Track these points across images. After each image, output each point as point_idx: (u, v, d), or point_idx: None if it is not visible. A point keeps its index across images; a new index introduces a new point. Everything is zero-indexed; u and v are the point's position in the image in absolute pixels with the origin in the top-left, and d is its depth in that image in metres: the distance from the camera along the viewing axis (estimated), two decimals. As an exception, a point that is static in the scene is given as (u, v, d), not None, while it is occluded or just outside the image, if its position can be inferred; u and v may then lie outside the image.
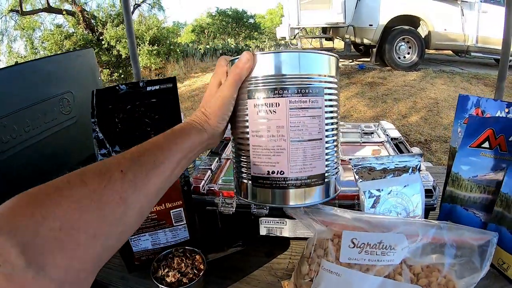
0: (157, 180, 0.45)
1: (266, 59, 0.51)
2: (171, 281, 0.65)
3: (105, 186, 0.39)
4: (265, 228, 0.76)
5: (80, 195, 0.37)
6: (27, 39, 11.36)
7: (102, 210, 0.38)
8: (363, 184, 0.64)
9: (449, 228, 0.49)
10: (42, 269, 0.32)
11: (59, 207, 0.35)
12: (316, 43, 8.75)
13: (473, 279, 0.48)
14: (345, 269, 0.49)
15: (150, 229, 0.72)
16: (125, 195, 0.40)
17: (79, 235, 0.35)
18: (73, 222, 0.35)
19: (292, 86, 0.50)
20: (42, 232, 0.33)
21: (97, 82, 1.34)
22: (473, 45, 6.92)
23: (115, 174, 0.40)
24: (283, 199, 0.54)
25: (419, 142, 4.09)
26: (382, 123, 1.19)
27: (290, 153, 0.52)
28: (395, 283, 0.48)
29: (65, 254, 0.34)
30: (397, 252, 0.48)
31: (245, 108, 0.53)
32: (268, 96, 0.51)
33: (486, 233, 0.51)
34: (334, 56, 0.55)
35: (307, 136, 0.52)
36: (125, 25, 2.20)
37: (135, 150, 0.45)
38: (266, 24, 20.76)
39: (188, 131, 0.50)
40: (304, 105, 0.51)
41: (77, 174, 0.39)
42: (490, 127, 0.65)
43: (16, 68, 1.05)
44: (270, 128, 0.51)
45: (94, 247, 0.37)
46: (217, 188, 0.79)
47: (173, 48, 10.33)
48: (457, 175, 0.70)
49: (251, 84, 0.52)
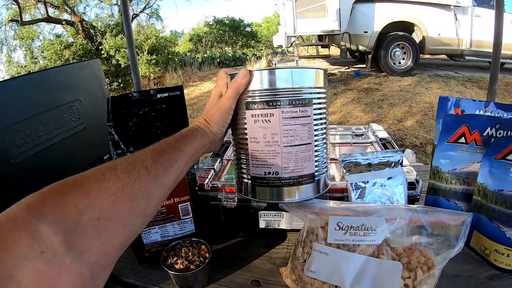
0: (173, 177, 0.50)
1: (262, 75, 0.59)
2: (180, 268, 0.70)
3: (135, 181, 0.43)
4: (264, 221, 0.83)
5: (115, 188, 0.40)
6: (26, 49, 11.38)
7: (132, 202, 0.42)
8: (350, 177, 0.72)
9: (425, 211, 0.56)
10: (80, 255, 0.35)
11: (99, 199, 0.38)
12: (313, 51, 8.86)
13: (448, 254, 0.54)
14: (333, 249, 0.56)
15: (160, 222, 0.78)
16: (149, 190, 0.45)
17: (113, 224, 0.39)
18: (109, 213, 0.39)
19: (285, 98, 0.58)
20: (83, 221, 0.36)
21: (103, 91, 1.40)
22: (467, 49, 7.00)
23: (141, 171, 0.45)
24: (279, 196, 0.62)
25: (415, 145, 4.15)
26: (372, 125, 1.26)
27: (283, 157, 0.60)
28: (378, 260, 0.55)
29: (100, 241, 0.37)
30: (377, 233, 0.55)
31: (244, 117, 0.61)
32: (264, 108, 0.59)
33: (462, 214, 0.57)
34: (322, 69, 0.63)
35: (298, 141, 0.60)
36: (125, 35, 2.23)
37: (153, 149, 0.50)
38: (263, 32, 20.85)
39: (195, 135, 0.57)
40: (295, 115, 0.59)
41: (109, 169, 0.43)
42: (465, 124, 0.71)
43: (30, 77, 1.10)
44: (266, 135, 0.59)
45: (123, 234, 0.41)
46: (220, 185, 0.85)
47: (172, 57, 10.41)
48: (437, 168, 0.77)
49: (249, 96, 0.60)
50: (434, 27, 6.91)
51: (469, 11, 6.80)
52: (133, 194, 0.42)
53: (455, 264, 0.71)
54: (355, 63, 8.72)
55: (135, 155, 0.48)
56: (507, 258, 0.67)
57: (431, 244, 0.56)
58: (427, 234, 0.56)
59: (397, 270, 0.54)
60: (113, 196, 0.40)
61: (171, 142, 0.54)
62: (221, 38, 18.32)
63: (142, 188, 0.44)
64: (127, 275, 0.78)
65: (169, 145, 0.53)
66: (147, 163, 0.47)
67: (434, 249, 0.56)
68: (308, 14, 6.75)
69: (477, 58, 7.11)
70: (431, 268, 0.54)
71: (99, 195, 0.39)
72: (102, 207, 0.38)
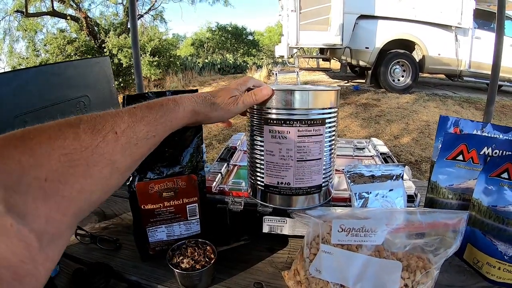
0: (145, 149, 0.46)
1: (282, 94, 0.63)
2: (186, 267, 0.72)
3: (97, 145, 0.38)
4: (268, 226, 0.86)
5: (71, 149, 0.36)
6: (29, 41, 11.41)
7: (91, 168, 0.37)
8: (354, 187, 0.76)
9: (422, 212, 0.60)
10: (23, 217, 0.31)
11: (48, 158, 0.34)
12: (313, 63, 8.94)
13: (446, 252, 0.58)
14: (336, 249, 0.60)
15: (167, 222, 0.80)
16: (114, 158, 0.40)
17: (65, 188, 0.34)
18: (59, 175, 0.34)
19: (301, 118, 0.63)
20: (26, 180, 0.32)
21: (111, 89, 1.42)
22: (466, 69, 7.11)
23: (109, 135, 0.40)
24: (289, 203, 0.68)
25: (410, 162, 4.20)
26: (372, 139, 1.31)
27: (296, 170, 0.65)
28: (378, 259, 0.59)
29: (47, 205, 0.33)
30: (377, 234, 0.59)
31: (262, 132, 0.66)
32: (281, 125, 0.63)
33: (458, 213, 0.61)
34: (336, 90, 0.68)
35: (309, 157, 0.65)
36: (131, 35, 2.25)
37: (132, 112, 0.46)
38: (265, 41, 21.03)
39: (188, 115, 0.56)
40: (309, 133, 0.64)
41: (70, 125, 0.38)
42: (464, 142, 0.75)
43: (41, 69, 1.11)
44: (281, 150, 0.65)
45: (78, 201, 0.36)
46: (227, 189, 0.88)
47: (173, 60, 10.46)
48: (435, 183, 0.81)
49: (268, 113, 0.65)
50: (435, 46, 7.03)
51: (469, 33, 6.92)
52: (92, 159, 0.38)
53: (448, 275, 0.74)
54: (354, 78, 8.83)
55: (108, 114, 0.43)
56: (498, 271, 0.71)
57: (429, 246, 0.60)
58: (426, 236, 0.60)
59: (397, 268, 0.58)
60: (66, 157, 0.35)
61: (157, 110, 0.49)
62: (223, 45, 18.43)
63: (105, 154, 0.39)
64: (130, 273, 0.79)
65: (152, 112, 0.48)
66: (119, 127, 0.42)
67: (433, 251, 0.60)
68: (311, 27, 6.84)
69: (475, 79, 7.22)
70: (430, 269, 0.57)
71: (48, 153, 0.34)
72: (52, 167, 0.34)
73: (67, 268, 0.80)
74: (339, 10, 6.71)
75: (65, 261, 0.82)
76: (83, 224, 0.98)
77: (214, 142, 4.82)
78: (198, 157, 0.79)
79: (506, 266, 0.70)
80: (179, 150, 0.77)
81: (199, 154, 0.79)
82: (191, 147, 0.78)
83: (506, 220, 0.69)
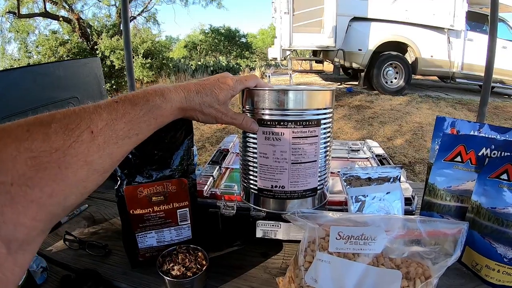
0: (126, 149, 0.43)
1: (275, 94, 0.61)
2: (176, 274, 0.69)
3: (70, 146, 0.35)
4: (261, 230, 0.83)
5: (39, 151, 0.33)
6: (21, 42, 11.37)
7: (63, 170, 0.34)
8: (350, 190, 0.73)
9: (423, 221, 0.58)
10: None
11: (13, 161, 0.31)
12: (306, 65, 8.97)
13: (446, 262, 0.56)
14: (334, 257, 0.57)
15: (157, 227, 0.77)
16: (90, 159, 0.37)
17: (33, 193, 0.32)
18: (27, 179, 0.32)
19: (295, 119, 0.61)
20: None
21: (101, 90, 1.39)
22: (458, 71, 7.20)
23: (84, 134, 0.37)
24: (283, 207, 0.66)
25: (404, 163, 4.21)
26: (367, 141, 1.29)
27: (290, 173, 0.63)
28: (378, 268, 0.56)
29: (15, 210, 0.31)
30: (377, 242, 0.57)
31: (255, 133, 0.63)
32: (275, 126, 0.61)
33: (458, 223, 0.59)
34: (331, 90, 0.66)
35: (305, 159, 0.63)
36: (123, 37, 2.24)
37: (112, 108, 0.42)
38: (258, 44, 21.07)
39: (164, 107, 0.50)
40: (304, 135, 0.61)
41: (40, 124, 0.35)
42: (462, 144, 0.74)
43: (29, 69, 1.09)
44: (275, 152, 0.62)
45: (49, 205, 0.34)
46: (219, 192, 0.86)
47: (166, 62, 10.45)
48: (433, 185, 0.79)
49: (261, 114, 0.62)
50: (427, 48, 7.10)
51: (462, 35, 7.00)
52: (65, 161, 0.34)
53: (447, 278, 0.73)
54: (347, 80, 8.86)
55: (85, 111, 0.39)
56: (497, 273, 0.69)
57: (428, 254, 0.58)
58: (425, 244, 0.58)
59: (396, 278, 0.55)
60: (34, 160, 0.32)
61: (141, 106, 0.45)
62: (216, 47, 18.45)
63: (80, 155, 0.36)
64: (119, 280, 0.76)
65: (136, 108, 0.44)
66: (96, 126, 0.38)
67: (432, 259, 0.57)
68: (304, 29, 6.88)
69: (467, 81, 7.30)
70: (429, 278, 0.55)
71: (14, 156, 0.32)
72: (18, 172, 0.31)
73: (54, 275, 0.77)
74: (332, 12, 6.74)
75: (53, 267, 0.79)
76: (72, 229, 0.95)
77: (207, 144, 4.78)
78: (189, 159, 0.77)
79: (505, 268, 0.68)
80: (169, 153, 0.75)
81: (190, 156, 0.77)
82: (182, 149, 0.75)
83: (505, 222, 0.67)
